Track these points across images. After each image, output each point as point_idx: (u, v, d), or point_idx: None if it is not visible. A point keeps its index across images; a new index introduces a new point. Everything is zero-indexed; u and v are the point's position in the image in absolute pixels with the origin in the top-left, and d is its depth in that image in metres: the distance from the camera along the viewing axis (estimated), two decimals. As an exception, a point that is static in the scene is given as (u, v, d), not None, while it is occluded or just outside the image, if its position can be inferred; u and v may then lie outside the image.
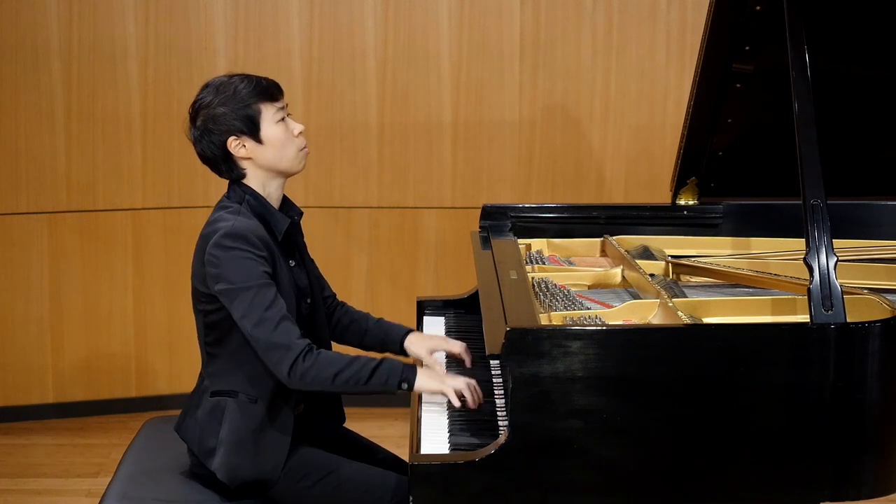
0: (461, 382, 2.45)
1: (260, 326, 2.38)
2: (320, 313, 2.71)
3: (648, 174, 4.64)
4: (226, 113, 2.48)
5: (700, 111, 3.16)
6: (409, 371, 2.43)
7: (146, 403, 4.76)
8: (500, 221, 3.34)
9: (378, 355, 2.50)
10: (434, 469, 2.17)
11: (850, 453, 2.23)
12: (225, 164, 2.53)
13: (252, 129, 2.49)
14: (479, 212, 3.38)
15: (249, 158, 2.52)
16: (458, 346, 2.74)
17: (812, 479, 2.23)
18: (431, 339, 2.78)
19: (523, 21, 4.59)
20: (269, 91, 2.52)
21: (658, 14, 4.58)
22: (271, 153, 2.52)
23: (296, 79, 4.61)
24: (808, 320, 2.24)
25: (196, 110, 2.52)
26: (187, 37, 4.56)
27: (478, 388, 2.46)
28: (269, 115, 2.50)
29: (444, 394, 2.44)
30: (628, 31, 4.59)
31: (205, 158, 2.54)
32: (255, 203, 2.52)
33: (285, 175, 2.57)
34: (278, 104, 2.53)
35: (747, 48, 3.02)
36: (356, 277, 4.77)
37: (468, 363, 2.72)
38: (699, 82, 3.10)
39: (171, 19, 4.54)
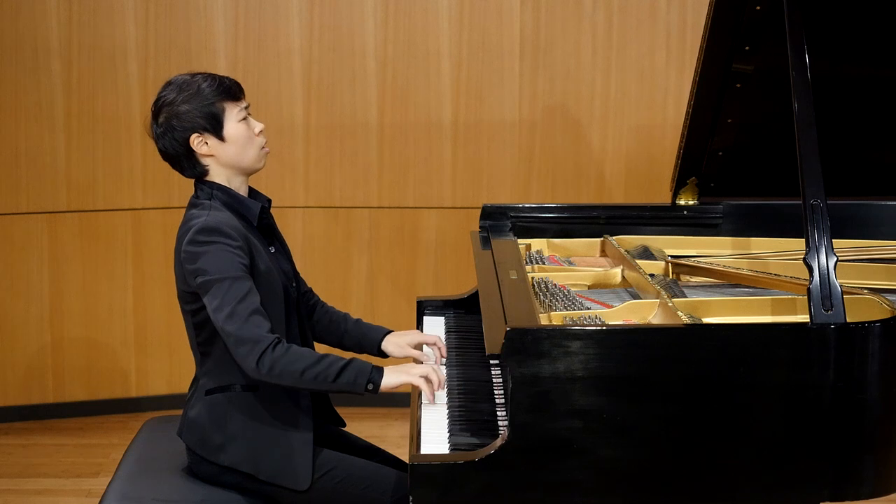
0: (423, 369, 2.49)
1: (231, 320, 2.39)
2: (302, 302, 2.73)
3: (648, 174, 4.64)
4: (189, 110, 2.50)
5: (700, 111, 3.16)
6: (377, 373, 2.44)
7: (146, 403, 4.76)
8: (500, 221, 3.34)
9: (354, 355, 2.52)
10: (434, 469, 2.17)
11: (850, 453, 2.23)
12: (187, 162, 2.55)
13: (215, 127, 2.51)
14: (479, 212, 3.38)
15: (211, 156, 2.54)
16: (432, 338, 2.80)
17: (812, 480, 2.23)
18: (407, 335, 2.82)
19: (523, 21, 4.59)
20: (232, 91, 2.55)
21: (658, 14, 4.58)
22: (233, 150, 2.54)
23: (296, 79, 4.61)
24: (808, 320, 2.24)
25: (159, 107, 2.54)
26: (187, 37, 4.56)
27: (439, 372, 2.50)
28: (232, 114, 2.53)
29: (411, 383, 2.47)
30: (628, 31, 4.59)
31: (167, 155, 2.57)
32: (224, 196, 2.54)
33: (246, 173, 2.60)
34: (241, 104, 2.56)
35: (747, 48, 3.02)
36: (356, 277, 4.77)
37: (440, 356, 2.76)
38: (699, 82, 3.10)
39: (171, 19, 4.54)
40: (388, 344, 2.81)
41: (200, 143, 2.52)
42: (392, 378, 2.45)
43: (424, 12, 4.59)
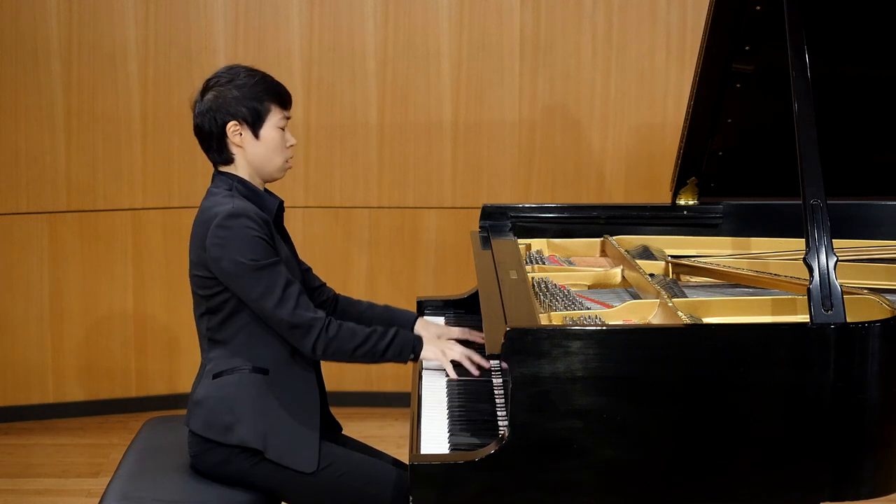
0: (457, 354, 2.63)
1: (282, 305, 2.47)
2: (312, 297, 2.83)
3: (648, 174, 4.64)
4: (238, 97, 2.56)
5: (700, 111, 3.16)
6: (418, 343, 2.61)
7: (146, 403, 4.76)
8: (500, 221, 3.34)
9: None
10: (434, 469, 2.17)
11: (850, 453, 2.23)
12: (217, 144, 2.59)
13: (255, 123, 2.57)
14: (479, 212, 3.38)
15: (241, 147, 2.58)
16: (458, 332, 2.87)
17: (812, 479, 2.23)
18: (438, 329, 2.90)
19: (523, 21, 4.59)
20: (283, 97, 2.62)
21: (658, 14, 4.58)
22: (262, 152, 2.59)
23: (296, 79, 4.61)
24: (808, 320, 2.24)
25: (210, 85, 2.60)
26: (187, 37, 4.56)
27: (474, 356, 2.64)
28: (274, 118, 2.59)
29: (442, 363, 2.62)
30: (628, 31, 4.59)
31: (201, 133, 2.60)
32: (243, 188, 2.59)
33: (265, 178, 2.65)
34: (286, 112, 2.62)
35: (747, 48, 3.02)
36: (356, 277, 4.77)
37: (477, 339, 2.85)
38: (699, 82, 3.10)
39: (171, 19, 4.55)
40: (420, 330, 2.87)
41: (235, 133, 2.57)
42: (429, 352, 2.63)
43: (424, 12, 4.59)
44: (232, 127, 2.56)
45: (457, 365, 2.64)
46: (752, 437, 2.21)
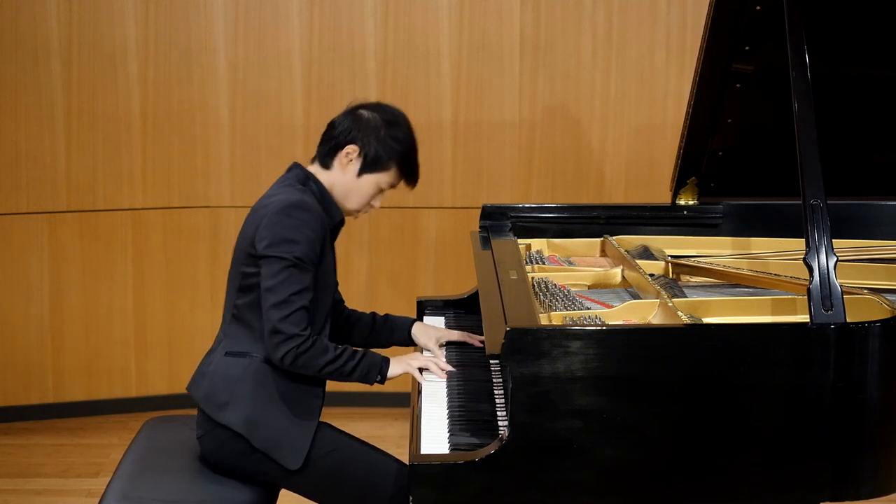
0: (421, 362, 2.66)
1: (279, 308, 2.48)
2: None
3: (648, 174, 4.64)
4: (379, 138, 2.63)
5: (700, 111, 3.16)
6: (385, 365, 2.61)
7: (146, 403, 4.76)
8: (500, 221, 3.35)
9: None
10: (434, 469, 2.17)
11: (850, 453, 2.23)
12: (331, 148, 2.66)
13: (367, 165, 2.64)
14: (479, 212, 3.38)
15: (341, 169, 2.65)
16: (458, 336, 2.89)
17: (812, 479, 2.23)
18: (438, 331, 2.92)
19: (523, 21, 4.59)
20: (409, 173, 2.71)
21: (658, 14, 4.58)
22: (349, 188, 2.66)
23: (296, 79, 4.61)
24: (808, 320, 2.24)
25: (374, 108, 2.68)
26: (187, 37, 4.56)
27: (440, 361, 2.67)
28: (384, 177, 2.67)
29: (410, 373, 2.64)
30: (628, 31, 4.59)
31: (333, 128, 2.69)
32: (318, 190, 2.64)
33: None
34: (395, 182, 2.70)
35: (747, 48, 3.02)
36: (356, 277, 4.77)
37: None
38: (699, 82, 3.10)
39: (171, 19, 4.54)
40: (418, 332, 2.91)
41: (348, 155, 2.64)
42: (395, 368, 2.62)
43: (424, 12, 4.59)
44: (350, 149, 2.62)
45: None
46: (752, 437, 2.21)
